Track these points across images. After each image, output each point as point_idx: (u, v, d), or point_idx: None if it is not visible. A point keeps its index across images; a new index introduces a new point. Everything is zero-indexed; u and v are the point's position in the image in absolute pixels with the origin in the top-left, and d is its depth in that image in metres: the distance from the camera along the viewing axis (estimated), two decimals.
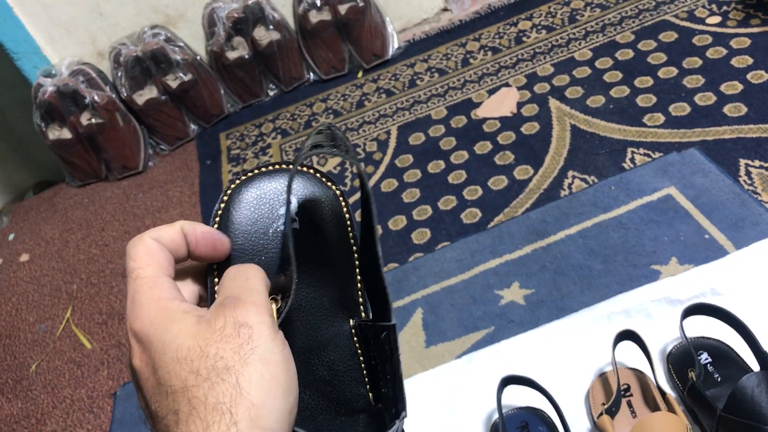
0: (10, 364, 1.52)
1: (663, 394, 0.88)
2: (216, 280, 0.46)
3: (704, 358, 0.92)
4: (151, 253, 0.42)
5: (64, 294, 1.65)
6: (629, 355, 0.96)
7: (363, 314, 0.50)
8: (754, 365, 0.86)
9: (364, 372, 0.49)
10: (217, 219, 0.48)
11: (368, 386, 0.49)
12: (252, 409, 0.36)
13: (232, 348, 0.38)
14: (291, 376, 0.39)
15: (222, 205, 0.48)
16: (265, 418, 0.36)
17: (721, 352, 0.92)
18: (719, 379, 0.89)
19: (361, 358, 0.49)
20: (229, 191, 0.48)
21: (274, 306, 0.43)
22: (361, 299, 0.50)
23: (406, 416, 0.46)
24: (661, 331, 0.98)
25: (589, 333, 1.03)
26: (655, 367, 0.91)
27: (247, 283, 0.42)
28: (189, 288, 0.46)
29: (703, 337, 0.94)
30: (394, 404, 0.46)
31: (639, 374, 0.94)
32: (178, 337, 0.38)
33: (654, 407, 0.89)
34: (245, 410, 0.36)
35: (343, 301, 0.50)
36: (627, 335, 0.93)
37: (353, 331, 0.49)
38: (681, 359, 0.93)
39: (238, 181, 0.48)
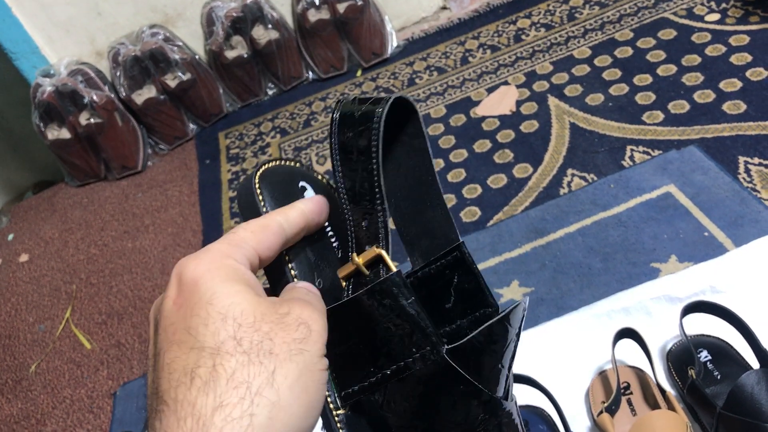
0: (10, 364, 1.52)
1: (663, 392, 0.88)
2: (291, 268, 0.43)
3: (704, 355, 0.92)
4: (266, 230, 0.40)
5: (64, 294, 1.65)
6: (629, 353, 0.96)
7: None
8: (754, 363, 0.86)
9: None
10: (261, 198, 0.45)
11: None
12: (274, 407, 0.32)
13: (284, 338, 0.34)
14: (320, 402, 0.35)
15: (258, 190, 0.45)
16: (281, 424, 0.32)
17: (720, 350, 0.92)
18: (719, 377, 0.89)
19: None
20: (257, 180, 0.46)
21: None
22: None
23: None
24: (660, 329, 0.98)
25: (589, 331, 1.02)
26: (654, 365, 0.91)
27: (315, 301, 0.39)
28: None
29: (703, 335, 0.94)
30: None
31: (639, 372, 0.94)
32: (234, 296, 0.34)
33: (654, 405, 0.89)
34: (267, 405, 0.32)
35: None
36: (627, 333, 0.93)
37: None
38: (681, 357, 0.93)
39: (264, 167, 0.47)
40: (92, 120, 1.89)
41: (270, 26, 1.91)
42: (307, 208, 0.42)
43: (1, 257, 1.89)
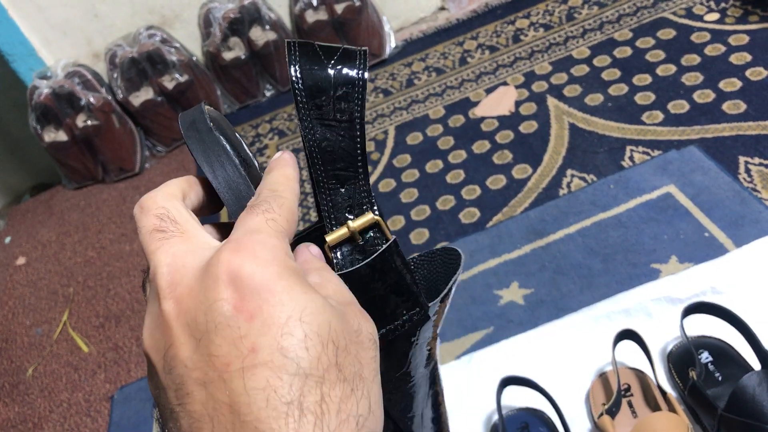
0: (7, 368, 1.51)
1: (664, 393, 0.87)
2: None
3: (705, 357, 0.91)
4: (293, 216, 0.35)
5: (61, 297, 1.64)
6: (629, 354, 0.96)
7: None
8: (755, 364, 0.85)
9: None
10: None
11: None
12: None
13: (366, 359, 0.31)
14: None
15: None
16: None
17: (721, 351, 0.91)
18: (720, 378, 0.88)
19: None
20: None
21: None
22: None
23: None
24: (661, 330, 0.98)
25: (589, 333, 1.02)
26: (655, 367, 0.90)
27: (333, 280, 0.35)
28: None
29: (704, 336, 0.94)
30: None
31: (639, 374, 0.93)
32: (323, 312, 0.30)
33: (655, 407, 0.88)
34: None
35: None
36: (627, 335, 0.92)
37: None
38: (682, 358, 0.92)
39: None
40: (89, 122, 1.88)
41: (267, 27, 1.90)
42: (292, 173, 0.37)
43: None
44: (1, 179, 2.24)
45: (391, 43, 2.00)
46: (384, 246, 0.38)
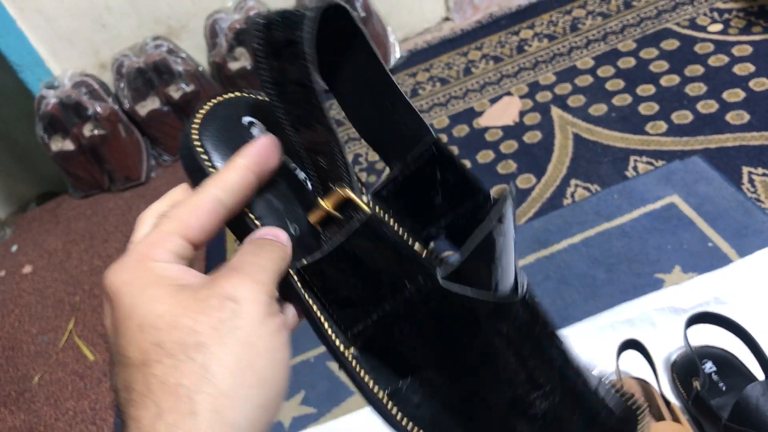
0: (13, 375, 1.52)
1: (667, 403, 0.88)
2: (254, 221, 0.39)
3: (708, 367, 0.91)
4: (197, 211, 0.36)
5: (67, 305, 1.65)
6: (633, 364, 0.96)
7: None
8: (759, 374, 0.85)
9: None
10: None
11: None
12: (217, 398, 0.30)
13: (211, 323, 0.32)
14: (276, 370, 0.33)
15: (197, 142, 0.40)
16: (231, 411, 0.31)
17: (725, 361, 0.92)
18: (724, 388, 0.88)
19: None
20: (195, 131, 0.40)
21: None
22: None
23: None
24: (665, 340, 0.98)
25: (593, 342, 1.02)
26: (659, 377, 0.90)
27: (256, 256, 0.36)
28: None
29: (708, 346, 0.94)
30: None
31: (643, 384, 0.93)
32: (151, 303, 0.33)
33: (658, 417, 0.88)
34: (208, 398, 0.30)
35: None
36: (631, 344, 0.93)
37: None
38: (685, 368, 0.92)
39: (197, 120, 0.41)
40: (96, 131, 1.89)
41: None
42: (249, 160, 0.38)
43: (4, 268, 1.89)
44: (7, 188, 2.26)
45: (396, 54, 2.01)
46: (355, 225, 0.36)
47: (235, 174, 0.37)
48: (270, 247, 0.37)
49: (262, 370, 0.32)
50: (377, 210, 0.37)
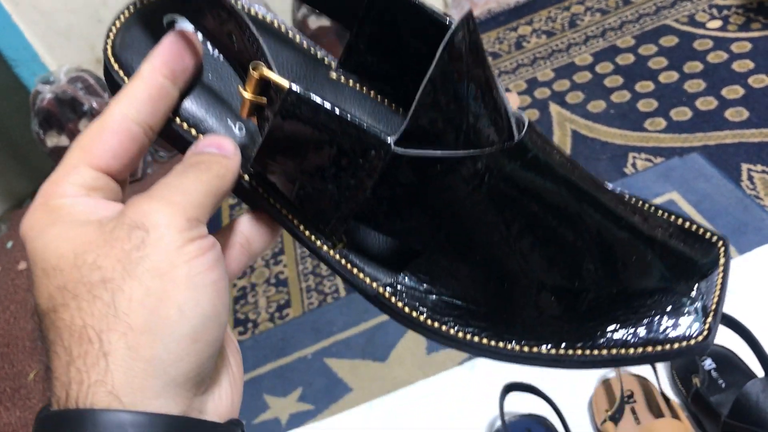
0: (9, 372, 1.51)
1: (667, 400, 0.87)
2: (189, 129, 0.35)
3: (708, 364, 0.91)
4: (102, 135, 0.32)
5: None
6: None
7: None
8: (759, 371, 0.85)
9: None
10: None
11: None
12: (131, 335, 0.28)
13: (116, 255, 0.29)
14: (201, 298, 0.29)
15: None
16: (148, 347, 0.28)
17: (725, 358, 0.91)
18: (723, 385, 0.88)
19: None
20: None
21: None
22: None
23: None
24: None
25: None
26: (658, 374, 0.90)
27: (180, 176, 0.32)
28: None
29: None
30: None
31: (642, 380, 0.93)
32: (52, 243, 0.30)
33: (658, 414, 0.88)
34: (120, 337, 0.27)
35: None
36: None
37: None
38: (685, 365, 0.92)
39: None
40: None
41: None
42: (156, 62, 0.33)
43: (0, 265, 1.88)
44: (3, 184, 2.25)
45: None
46: (276, 110, 0.31)
47: (141, 83, 0.32)
48: (205, 164, 0.33)
49: (182, 300, 0.29)
50: (299, 90, 0.31)
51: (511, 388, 0.91)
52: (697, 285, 0.38)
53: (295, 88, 0.30)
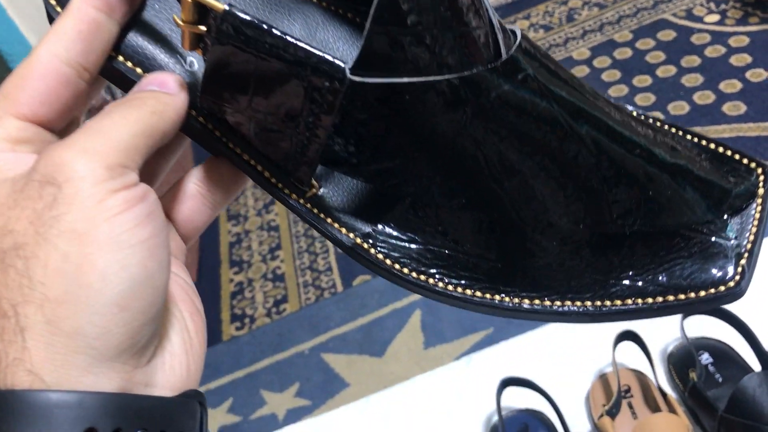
0: None
1: (664, 394, 0.87)
2: (133, 67, 0.32)
3: (705, 358, 0.91)
4: (27, 80, 0.28)
5: None
6: (630, 355, 0.95)
7: None
8: (756, 365, 0.85)
9: None
10: None
11: None
12: (47, 307, 0.24)
13: (28, 217, 0.25)
14: (130, 260, 0.25)
15: None
16: (69, 319, 0.24)
17: (722, 353, 0.91)
18: (720, 380, 0.88)
19: None
20: None
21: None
22: None
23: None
24: (661, 331, 0.98)
25: (590, 334, 1.02)
26: (655, 368, 0.90)
27: (104, 118, 0.28)
28: None
29: (704, 338, 0.93)
30: None
31: (639, 375, 0.93)
32: None
33: (655, 408, 0.88)
34: (37, 310, 0.24)
35: None
36: (627, 336, 0.92)
37: None
38: (682, 360, 0.92)
39: None
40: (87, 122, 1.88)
41: None
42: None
43: None
44: None
45: None
46: (213, 34, 0.27)
47: (70, 18, 0.28)
48: (138, 100, 0.29)
49: (105, 264, 0.25)
50: (236, 12, 0.26)
51: (508, 383, 0.91)
52: (730, 220, 0.33)
53: (230, 9, 0.26)
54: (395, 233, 0.32)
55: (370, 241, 0.32)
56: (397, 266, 0.32)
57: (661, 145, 0.33)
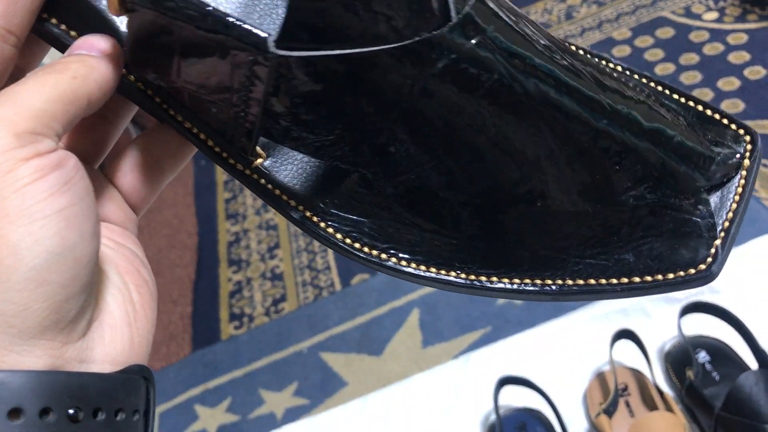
0: None
1: (661, 393, 0.87)
2: (65, 31, 0.30)
3: (702, 356, 0.91)
4: None
5: None
6: (627, 354, 0.96)
7: None
8: (752, 363, 0.85)
9: None
10: None
11: None
12: None
13: None
14: (44, 231, 0.24)
15: None
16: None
17: (719, 351, 0.91)
18: (717, 378, 0.88)
19: None
20: None
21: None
22: None
23: None
24: (658, 329, 0.98)
25: (587, 332, 1.02)
26: (652, 366, 0.90)
27: (19, 84, 0.26)
28: None
29: (701, 336, 0.94)
30: None
31: (637, 373, 0.93)
32: None
33: (652, 406, 0.88)
34: None
35: None
36: (624, 334, 0.92)
37: None
38: (679, 358, 0.92)
39: None
40: None
41: None
42: None
43: None
44: None
45: None
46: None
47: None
48: (60, 64, 0.27)
49: (17, 238, 0.23)
50: None
51: (505, 381, 0.91)
52: (708, 195, 0.31)
53: None
54: (345, 206, 0.31)
55: (321, 215, 0.31)
56: (348, 240, 0.31)
57: (633, 106, 0.30)
